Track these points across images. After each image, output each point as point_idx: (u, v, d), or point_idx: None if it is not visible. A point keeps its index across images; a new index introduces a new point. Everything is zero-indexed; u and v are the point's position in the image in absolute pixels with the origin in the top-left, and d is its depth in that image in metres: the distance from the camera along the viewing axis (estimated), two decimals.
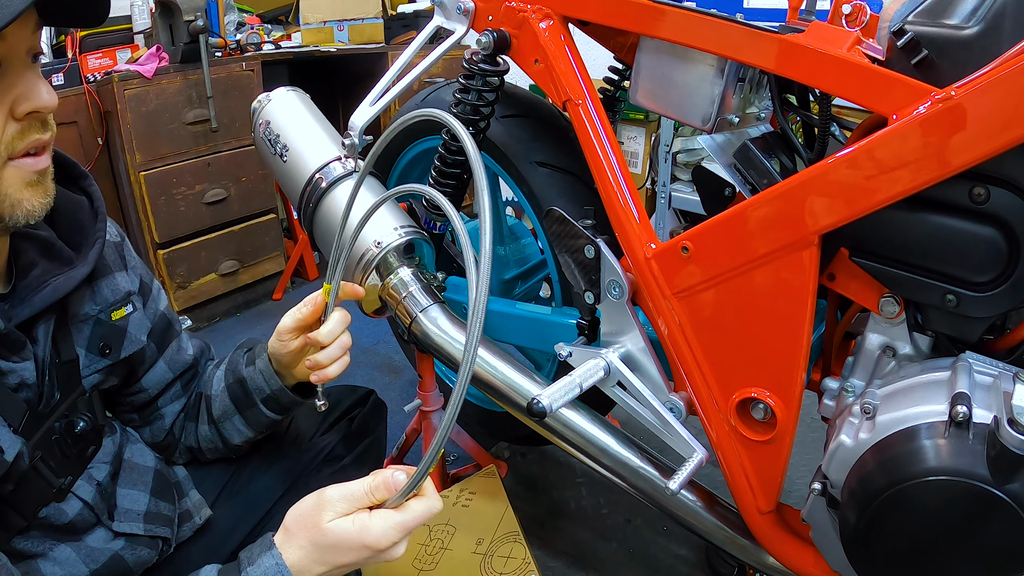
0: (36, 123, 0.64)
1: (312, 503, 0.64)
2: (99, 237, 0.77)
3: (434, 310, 1.04)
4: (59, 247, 0.75)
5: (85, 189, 0.80)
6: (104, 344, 0.80)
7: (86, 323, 0.78)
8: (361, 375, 1.93)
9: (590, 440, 0.93)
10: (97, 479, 0.79)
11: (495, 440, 1.56)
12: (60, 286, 0.72)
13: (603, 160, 0.88)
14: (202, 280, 2.21)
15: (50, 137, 0.67)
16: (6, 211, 0.64)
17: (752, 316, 0.77)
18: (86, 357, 0.78)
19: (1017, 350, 0.71)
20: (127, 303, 0.83)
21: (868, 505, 0.64)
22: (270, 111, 1.20)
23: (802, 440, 1.14)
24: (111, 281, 0.82)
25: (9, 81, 0.61)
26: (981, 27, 0.65)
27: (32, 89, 0.63)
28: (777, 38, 0.73)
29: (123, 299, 0.82)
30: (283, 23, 2.68)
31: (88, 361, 0.78)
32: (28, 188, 0.65)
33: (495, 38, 0.97)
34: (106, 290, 0.81)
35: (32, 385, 0.71)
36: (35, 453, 0.71)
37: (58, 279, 0.72)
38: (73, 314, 0.77)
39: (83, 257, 0.75)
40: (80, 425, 0.76)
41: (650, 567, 1.27)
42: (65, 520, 0.75)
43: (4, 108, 0.61)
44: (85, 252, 0.76)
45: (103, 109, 1.95)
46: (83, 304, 0.78)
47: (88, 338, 0.78)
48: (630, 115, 2.37)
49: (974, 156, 0.60)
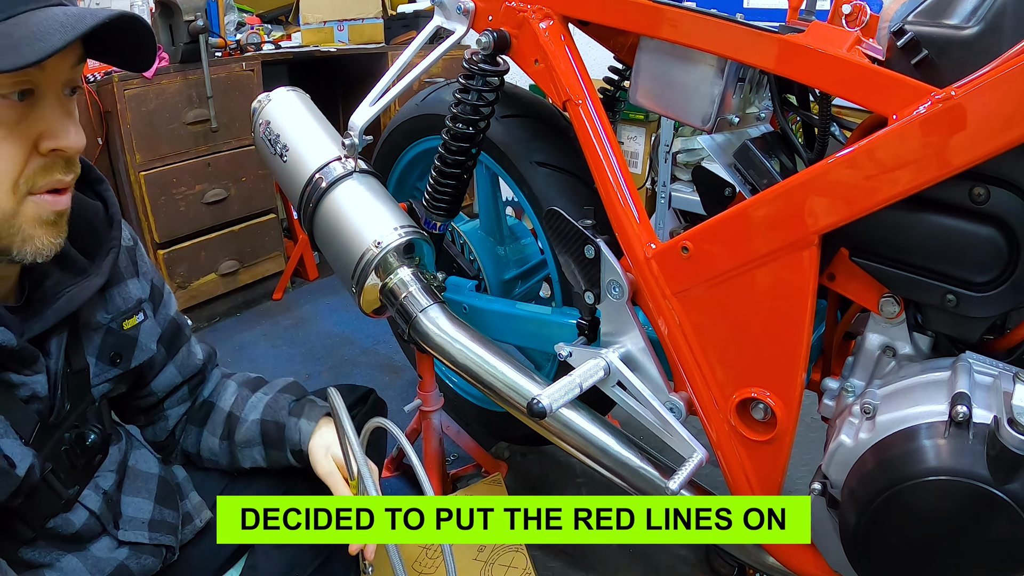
0: (60, 161, 0.63)
1: None
2: (114, 246, 0.76)
3: (434, 310, 1.04)
4: (73, 256, 0.73)
5: (100, 194, 0.78)
6: (115, 354, 0.79)
7: (97, 332, 0.77)
8: (361, 375, 1.93)
9: (590, 440, 0.93)
10: (103, 488, 0.78)
11: (495, 440, 1.56)
12: (74, 297, 0.71)
13: (603, 160, 0.88)
14: (202, 280, 2.21)
15: (72, 179, 0.65)
16: (16, 244, 0.63)
17: (752, 316, 0.77)
18: (96, 366, 0.77)
19: (1017, 350, 0.71)
20: (138, 311, 0.82)
21: (868, 505, 0.64)
22: (270, 111, 1.20)
23: (802, 440, 1.14)
24: (123, 289, 0.80)
25: (39, 113, 0.60)
26: (981, 27, 0.65)
27: (60, 127, 0.61)
28: (777, 38, 0.73)
29: (134, 307, 0.81)
30: (283, 23, 2.67)
31: (98, 370, 0.77)
32: (43, 226, 0.64)
33: (495, 38, 0.97)
34: (118, 298, 0.80)
35: (44, 397, 0.70)
36: (45, 465, 0.70)
37: (71, 290, 0.71)
38: (85, 323, 0.76)
39: (97, 266, 0.74)
40: (91, 438, 0.75)
41: (650, 567, 1.27)
42: (72, 530, 0.74)
43: (30, 140, 0.60)
44: (99, 261, 0.74)
45: (103, 109, 1.95)
46: (95, 313, 0.77)
47: (99, 347, 0.77)
48: (630, 115, 2.37)
49: (974, 156, 0.60)
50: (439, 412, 1.27)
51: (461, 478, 1.46)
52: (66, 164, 0.64)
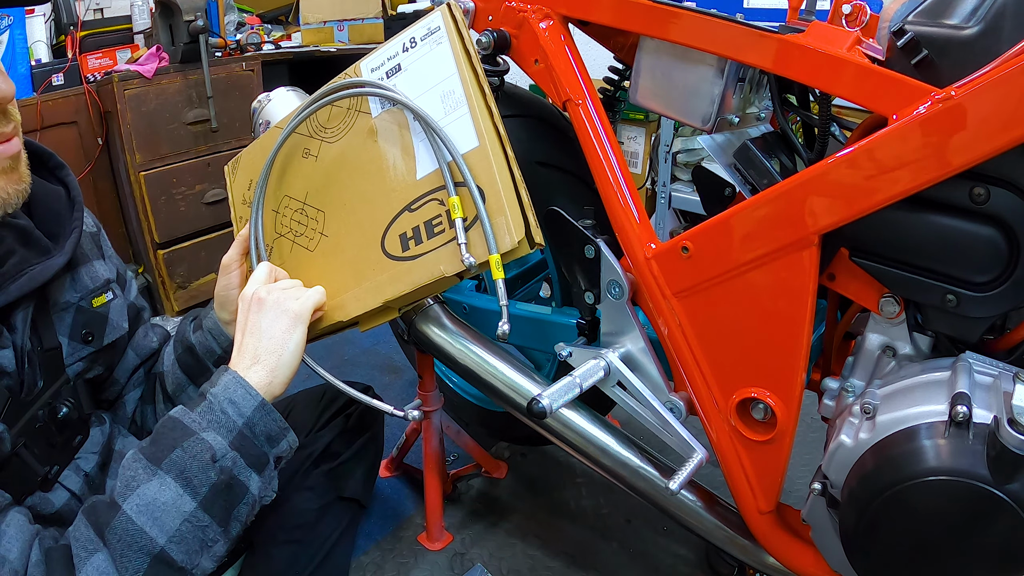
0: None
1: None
2: (76, 227, 0.78)
3: (434, 310, 1.04)
4: (37, 236, 0.75)
5: (62, 179, 0.81)
6: (87, 331, 0.80)
7: (67, 311, 0.79)
8: (361, 375, 1.93)
9: (590, 440, 0.93)
10: (85, 470, 0.79)
11: (495, 440, 1.56)
12: (37, 275, 0.72)
13: (603, 160, 0.88)
14: (202, 280, 2.21)
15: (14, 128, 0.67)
16: None
17: (752, 316, 0.77)
18: (69, 345, 0.79)
19: (1017, 350, 0.71)
20: (107, 290, 0.84)
21: (868, 505, 0.64)
22: (270, 111, 1.20)
23: (802, 440, 1.14)
24: (90, 269, 0.82)
25: None
26: (981, 27, 0.65)
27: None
28: (777, 38, 0.73)
29: (102, 286, 0.83)
30: (283, 23, 2.67)
31: (71, 349, 0.79)
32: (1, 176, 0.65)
33: (495, 38, 0.97)
34: (85, 278, 0.81)
35: (12, 373, 0.72)
36: (18, 440, 0.71)
37: (35, 268, 0.72)
38: (54, 302, 0.78)
39: (60, 247, 0.76)
40: (63, 411, 0.77)
41: (650, 567, 1.27)
42: (52, 510, 0.75)
43: None
44: (62, 242, 0.76)
45: (103, 109, 1.95)
46: (63, 292, 0.79)
47: (70, 326, 0.79)
48: (630, 115, 2.37)
49: (974, 156, 0.60)
50: (439, 412, 1.27)
51: (461, 478, 1.46)
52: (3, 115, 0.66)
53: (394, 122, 0.81)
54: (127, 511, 0.64)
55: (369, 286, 0.82)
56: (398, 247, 0.80)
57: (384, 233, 0.81)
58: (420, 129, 0.79)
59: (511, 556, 1.28)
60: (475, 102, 0.77)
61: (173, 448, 0.67)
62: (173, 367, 0.91)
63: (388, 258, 0.81)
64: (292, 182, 0.90)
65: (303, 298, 0.79)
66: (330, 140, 0.87)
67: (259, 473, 0.70)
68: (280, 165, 0.91)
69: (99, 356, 0.83)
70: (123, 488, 0.66)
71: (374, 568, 1.26)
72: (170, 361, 0.92)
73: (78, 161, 1.97)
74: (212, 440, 0.67)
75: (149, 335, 0.95)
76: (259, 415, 0.71)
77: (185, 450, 0.66)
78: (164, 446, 0.67)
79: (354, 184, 0.84)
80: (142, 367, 0.93)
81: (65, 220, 0.78)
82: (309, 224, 0.89)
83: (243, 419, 0.70)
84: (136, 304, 0.93)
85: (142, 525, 0.63)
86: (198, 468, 0.66)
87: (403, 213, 0.80)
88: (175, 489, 0.65)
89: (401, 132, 0.81)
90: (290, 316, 0.76)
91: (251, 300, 0.77)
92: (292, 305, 0.77)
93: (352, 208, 0.85)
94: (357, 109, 0.85)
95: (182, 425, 0.68)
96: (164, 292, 2.14)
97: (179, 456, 0.66)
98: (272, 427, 0.72)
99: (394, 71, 0.83)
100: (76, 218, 0.78)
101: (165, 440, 0.68)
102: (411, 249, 0.79)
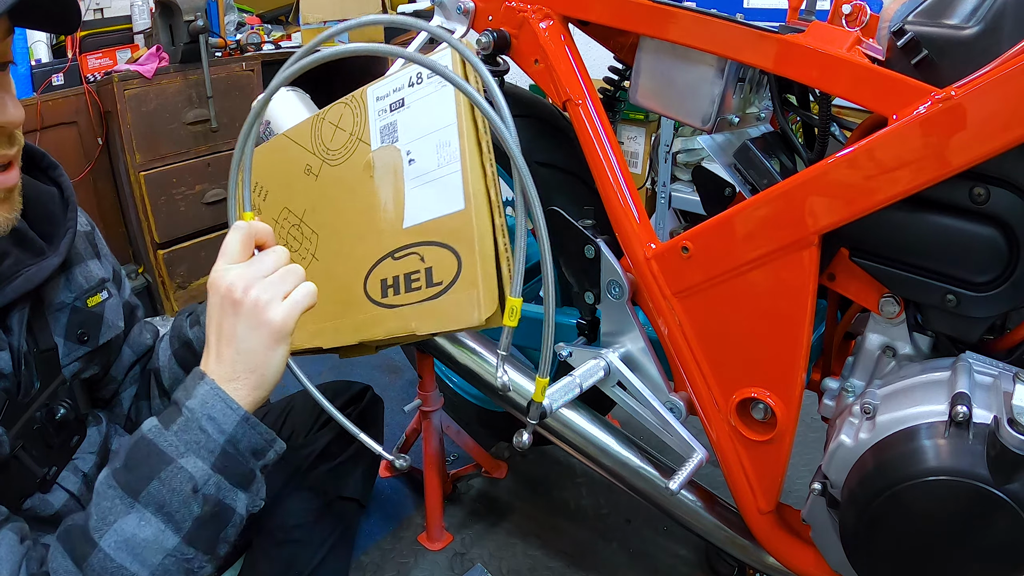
0: (2, 138, 0.63)
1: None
2: (70, 227, 0.78)
3: None
4: (31, 237, 0.75)
5: (55, 179, 0.80)
6: (82, 331, 0.80)
7: (62, 311, 0.79)
8: (361, 375, 1.93)
9: (590, 440, 0.93)
10: (83, 470, 0.79)
11: (495, 440, 1.56)
12: (32, 276, 0.72)
13: (603, 160, 0.88)
14: (202, 280, 2.20)
15: (16, 152, 0.66)
16: None
17: (752, 316, 0.77)
18: (65, 346, 0.78)
19: (1017, 350, 0.71)
20: (102, 289, 0.84)
21: (868, 505, 0.64)
22: (270, 111, 1.20)
23: (802, 440, 1.14)
24: (84, 269, 0.82)
25: None
26: (981, 27, 0.65)
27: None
28: (777, 38, 0.73)
29: (97, 286, 0.83)
30: (283, 23, 2.67)
31: (67, 350, 0.79)
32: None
33: (495, 38, 0.96)
34: (80, 278, 0.81)
35: (8, 375, 0.71)
36: (16, 442, 0.71)
37: (30, 269, 0.72)
38: (49, 303, 0.77)
39: (55, 247, 0.76)
40: (60, 412, 0.76)
41: (650, 567, 1.27)
42: (51, 511, 0.75)
43: None
44: (57, 242, 0.76)
45: (103, 109, 1.95)
46: (58, 292, 0.78)
47: (65, 326, 0.79)
48: (630, 115, 2.36)
49: (974, 156, 0.60)
50: (439, 412, 1.27)
51: (461, 478, 1.46)
52: (8, 139, 0.65)
53: (389, 161, 0.77)
54: (104, 548, 0.59)
55: (350, 323, 0.81)
56: (378, 292, 0.78)
57: (368, 274, 0.79)
58: (412, 175, 0.75)
59: (511, 556, 1.28)
60: (468, 161, 0.71)
61: (150, 479, 0.60)
62: (170, 362, 0.90)
63: (368, 300, 0.78)
64: (293, 196, 0.89)
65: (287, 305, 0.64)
66: (332, 163, 0.84)
67: (246, 490, 0.65)
68: (283, 176, 0.90)
69: (95, 356, 0.83)
70: (98, 522, 0.60)
71: (374, 568, 1.26)
72: (166, 357, 0.91)
73: (78, 161, 1.97)
74: (192, 467, 0.61)
75: (143, 332, 0.94)
76: (242, 430, 0.63)
77: (163, 482, 0.60)
78: (140, 475, 0.61)
79: (348, 215, 0.82)
80: (137, 364, 0.93)
81: (59, 220, 0.78)
82: (304, 243, 0.87)
83: (225, 436, 0.62)
84: (130, 302, 0.93)
85: (122, 562, 0.59)
86: (179, 503, 0.60)
87: (387, 259, 0.77)
88: (156, 525, 0.60)
89: (395, 175, 0.77)
90: (271, 331, 0.63)
91: (224, 296, 0.65)
92: (274, 316, 0.63)
93: (343, 238, 0.83)
94: (359, 138, 0.81)
95: (158, 450, 0.61)
96: (164, 292, 2.14)
97: (156, 489, 0.60)
98: (257, 441, 0.65)
99: (397, 106, 0.78)
100: (70, 218, 0.78)
101: (141, 469, 0.61)
102: (389, 298, 0.77)
